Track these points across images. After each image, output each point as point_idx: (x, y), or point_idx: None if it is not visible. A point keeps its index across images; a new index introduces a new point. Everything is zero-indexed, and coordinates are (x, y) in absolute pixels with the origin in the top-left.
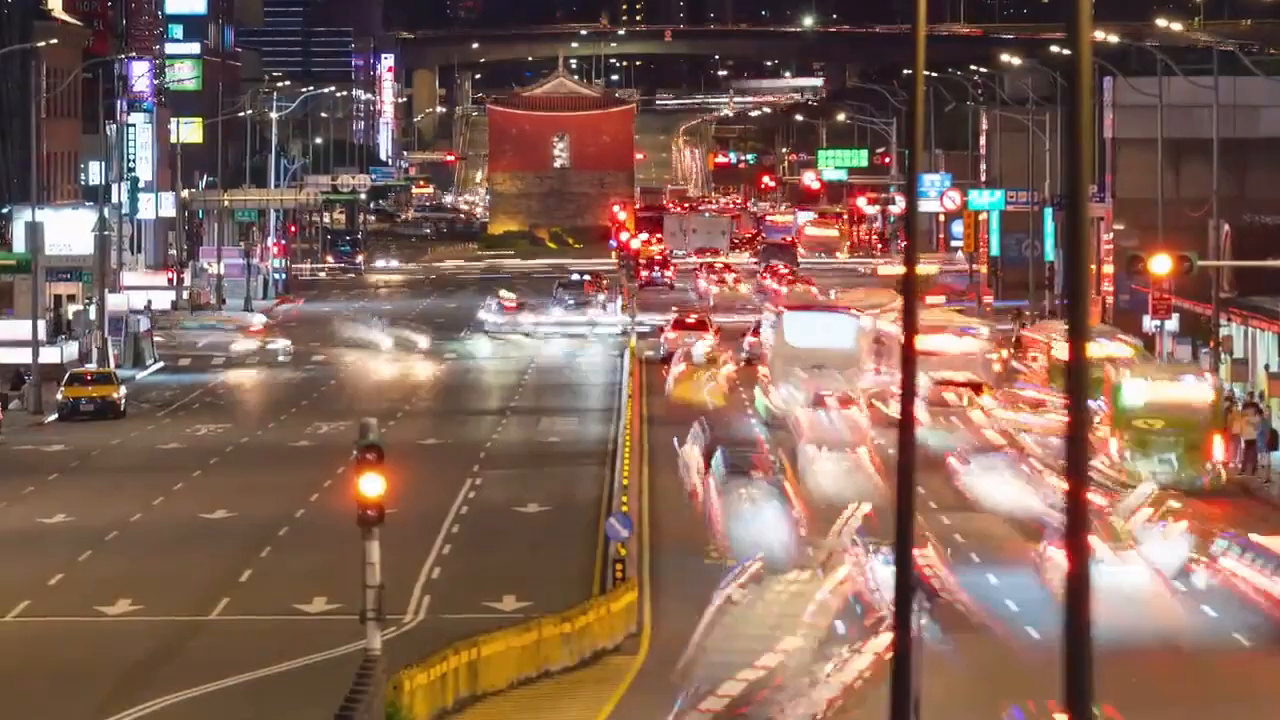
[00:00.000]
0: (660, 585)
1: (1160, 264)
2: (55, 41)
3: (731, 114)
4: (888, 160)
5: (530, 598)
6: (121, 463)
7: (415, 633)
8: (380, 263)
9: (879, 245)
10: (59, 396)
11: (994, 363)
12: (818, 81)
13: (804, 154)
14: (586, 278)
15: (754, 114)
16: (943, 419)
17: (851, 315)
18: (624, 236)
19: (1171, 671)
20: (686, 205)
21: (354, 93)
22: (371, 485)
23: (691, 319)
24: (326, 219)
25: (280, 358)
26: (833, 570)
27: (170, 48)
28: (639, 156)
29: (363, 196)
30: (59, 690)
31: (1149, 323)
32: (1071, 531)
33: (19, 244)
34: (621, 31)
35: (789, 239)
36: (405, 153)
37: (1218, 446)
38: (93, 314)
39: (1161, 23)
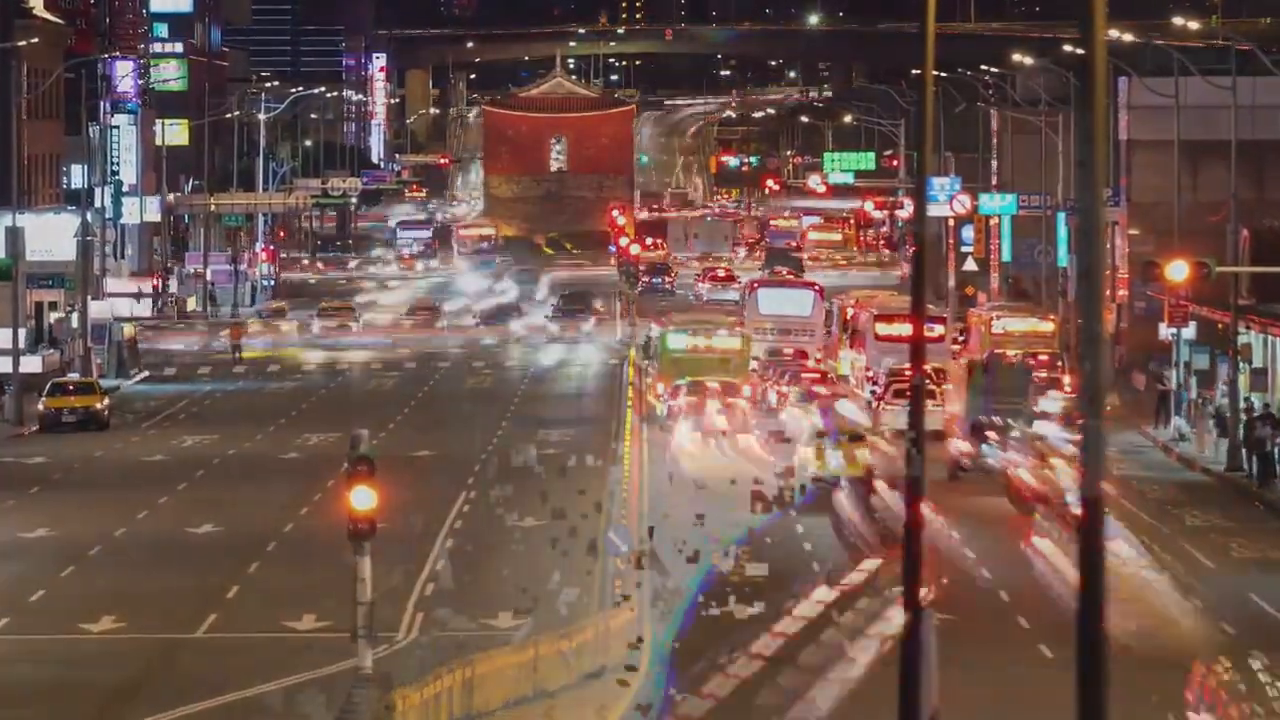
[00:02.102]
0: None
1: (1177, 270)
2: (36, 41)
3: (734, 115)
4: (896, 163)
5: (525, 614)
6: (105, 475)
7: (408, 651)
8: (374, 269)
9: (887, 250)
10: (40, 407)
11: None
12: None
13: (809, 156)
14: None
15: (757, 115)
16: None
17: (812, 289)
18: (623, 242)
19: None
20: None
21: (345, 93)
22: (363, 499)
23: None
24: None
25: None
26: None
27: (155, 47)
28: (640, 159)
29: (354, 200)
30: (41, 711)
31: (1165, 330)
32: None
33: None
34: (621, 30)
35: (793, 244)
36: (398, 155)
37: None
38: (75, 321)
39: (1178, 21)
